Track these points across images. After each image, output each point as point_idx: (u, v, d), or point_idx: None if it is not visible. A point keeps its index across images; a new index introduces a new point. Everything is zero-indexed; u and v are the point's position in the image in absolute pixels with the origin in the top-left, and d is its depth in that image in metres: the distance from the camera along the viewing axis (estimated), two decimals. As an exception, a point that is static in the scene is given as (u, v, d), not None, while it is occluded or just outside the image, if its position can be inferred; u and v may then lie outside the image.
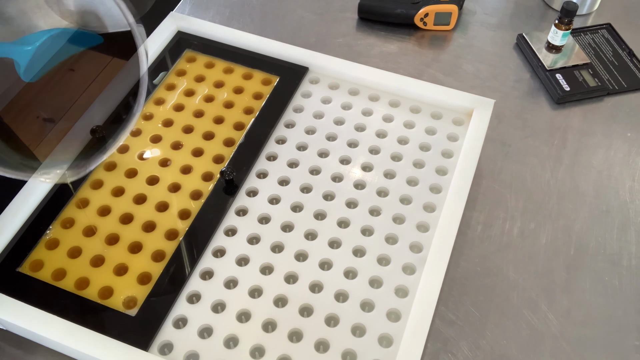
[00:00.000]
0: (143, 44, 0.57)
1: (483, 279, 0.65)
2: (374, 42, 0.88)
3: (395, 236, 0.65)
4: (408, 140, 0.73)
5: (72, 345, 0.56)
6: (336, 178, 0.69)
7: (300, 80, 0.78)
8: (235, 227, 0.65)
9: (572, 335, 0.62)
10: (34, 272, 0.61)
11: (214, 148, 0.71)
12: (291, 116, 0.75)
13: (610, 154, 0.76)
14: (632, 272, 0.66)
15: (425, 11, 0.88)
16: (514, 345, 0.61)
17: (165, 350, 0.57)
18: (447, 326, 0.62)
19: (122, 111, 0.73)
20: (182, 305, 0.60)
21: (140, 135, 0.72)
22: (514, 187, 0.73)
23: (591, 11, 0.93)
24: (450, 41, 0.89)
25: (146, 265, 0.62)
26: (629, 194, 0.73)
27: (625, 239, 0.69)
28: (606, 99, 0.82)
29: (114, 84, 0.75)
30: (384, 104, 0.76)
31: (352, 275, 0.62)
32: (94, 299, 0.59)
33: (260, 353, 0.57)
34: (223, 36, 0.82)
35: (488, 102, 0.74)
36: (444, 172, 0.70)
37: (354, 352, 0.57)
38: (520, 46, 0.88)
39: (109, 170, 0.69)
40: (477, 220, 0.70)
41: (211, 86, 0.77)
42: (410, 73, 0.84)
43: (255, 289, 0.61)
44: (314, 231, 0.65)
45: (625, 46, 0.88)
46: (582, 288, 0.65)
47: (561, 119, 0.80)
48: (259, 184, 0.69)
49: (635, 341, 0.61)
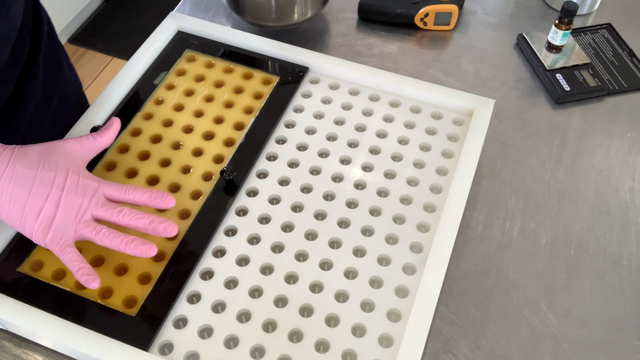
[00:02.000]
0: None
1: (483, 279, 0.65)
2: (374, 42, 0.88)
3: (396, 236, 0.65)
4: (408, 141, 0.73)
5: (72, 345, 0.56)
6: (336, 178, 0.69)
7: (300, 80, 0.78)
8: (235, 227, 0.65)
9: (572, 335, 0.62)
10: (34, 272, 0.61)
11: (214, 148, 0.71)
12: (291, 116, 0.75)
13: (610, 154, 0.76)
14: (632, 272, 0.66)
15: (425, 11, 0.88)
16: (514, 345, 0.61)
17: (165, 350, 0.57)
18: (447, 326, 0.62)
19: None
20: (182, 305, 0.60)
21: (140, 135, 0.72)
22: (514, 187, 0.73)
23: (591, 11, 0.93)
24: (450, 41, 0.89)
25: (146, 265, 0.62)
26: (629, 194, 0.73)
27: (625, 239, 0.69)
28: (606, 99, 0.82)
29: (114, 84, 0.75)
30: (384, 104, 0.76)
31: (352, 276, 0.62)
32: (94, 299, 0.59)
33: (260, 353, 0.57)
34: (223, 36, 0.82)
35: (488, 102, 0.74)
36: (444, 172, 0.70)
37: (354, 353, 0.57)
38: (521, 46, 0.88)
39: (109, 170, 0.69)
40: (477, 220, 0.70)
41: (211, 86, 0.77)
42: (411, 73, 0.84)
43: (256, 289, 0.61)
44: (314, 231, 0.65)
45: (625, 46, 0.88)
46: (582, 288, 0.65)
47: (561, 119, 0.80)
48: (259, 184, 0.69)
49: (635, 341, 0.61)
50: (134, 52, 0.79)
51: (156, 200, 0.59)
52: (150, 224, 0.58)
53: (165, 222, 0.58)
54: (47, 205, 0.56)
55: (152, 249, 0.57)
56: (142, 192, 0.59)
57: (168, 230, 0.58)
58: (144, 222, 0.58)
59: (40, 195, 0.56)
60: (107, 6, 2.33)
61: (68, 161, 0.59)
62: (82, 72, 2.04)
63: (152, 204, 0.59)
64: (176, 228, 0.58)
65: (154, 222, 0.58)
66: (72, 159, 0.60)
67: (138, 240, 0.57)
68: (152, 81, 0.77)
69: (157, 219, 0.58)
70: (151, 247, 0.57)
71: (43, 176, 0.57)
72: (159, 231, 0.58)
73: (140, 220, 0.58)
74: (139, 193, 0.59)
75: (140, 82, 0.77)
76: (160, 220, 0.58)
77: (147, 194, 0.59)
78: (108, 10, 2.32)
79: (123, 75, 0.76)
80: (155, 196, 0.59)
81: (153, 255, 0.57)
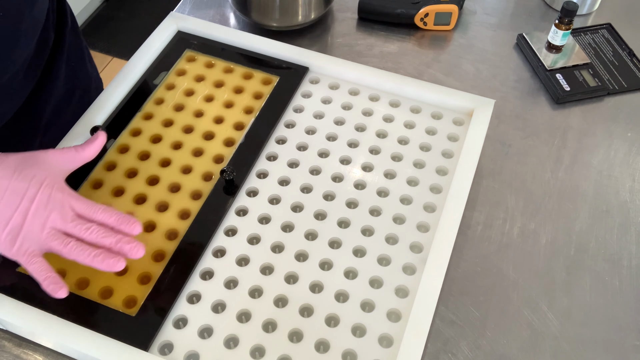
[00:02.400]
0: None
1: (483, 279, 0.65)
2: (374, 42, 0.88)
3: (396, 236, 0.65)
4: (408, 141, 0.73)
5: (72, 345, 0.56)
6: (336, 178, 0.69)
7: (300, 80, 0.78)
8: (235, 227, 0.65)
9: (572, 335, 0.62)
10: (34, 272, 0.61)
11: (214, 148, 0.71)
12: (291, 116, 0.75)
13: (610, 154, 0.76)
14: (632, 272, 0.66)
15: (425, 11, 0.88)
16: (514, 345, 0.61)
17: (165, 350, 0.57)
18: (447, 326, 0.62)
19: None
20: (182, 305, 0.60)
21: (140, 135, 0.72)
22: (514, 187, 0.73)
23: (591, 11, 0.93)
24: (450, 41, 0.89)
25: (146, 265, 0.62)
26: (629, 194, 0.73)
27: (625, 239, 0.69)
28: (606, 99, 0.82)
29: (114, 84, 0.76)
30: (384, 104, 0.76)
31: (352, 276, 0.62)
32: (94, 299, 0.59)
33: (260, 353, 0.57)
34: (223, 36, 0.81)
35: (488, 102, 0.74)
36: (444, 172, 0.70)
37: (354, 353, 0.57)
38: (521, 46, 0.88)
39: (109, 170, 0.69)
40: (477, 220, 0.70)
41: (211, 86, 0.77)
42: (411, 73, 0.84)
43: (256, 289, 0.61)
44: (314, 231, 0.65)
45: (625, 46, 0.88)
46: (582, 288, 0.65)
47: (561, 119, 0.80)
48: (259, 184, 0.69)
49: (635, 341, 0.61)
50: (134, 52, 0.79)
51: (123, 224, 0.58)
52: (116, 243, 0.56)
53: (132, 242, 0.57)
54: (16, 216, 0.56)
55: (119, 262, 0.56)
56: (110, 214, 0.58)
57: (134, 252, 0.56)
58: (110, 241, 0.56)
59: (10, 206, 0.56)
60: (108, 6, 2.33)
61: (45, 173, 0.58)
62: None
63: (119, 228, 0.58)
64: (143, 249, 0.57)
65: (121, 242, 0.56)
66: (51, 171, 0.59)
67: (105, 253, 0.56)
68: (152, 81, 0.77)
69: (125, 239, 0.57)
70: (118, 261, 0.56)
71: (16, 187, 0.56)
72: (125, 251, 0.57)
73: (107, 239, 0.56)
74: (108, 215, 0.58)
75: (140, 82, 0.77)
76: (128, 240, 0.57)
77: (115, 216, 0.58)
78: (108, 10, 2.32)
79: (123, 75, 0.76)
80: (123, 220, 0.58)
81: (120, 269, 0.56)
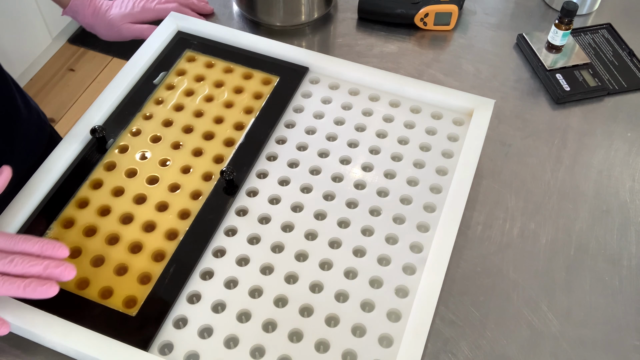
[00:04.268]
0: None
1: (483, 279, 0.65)
2: (374, 42, 0.88)
3: (396, 236, 0.65)
4: (408, 141, 0.73)
5: (72, 345, 0.56)
6: (336, 178, 0.69)
7: (300, 80, 0.78)
8: (235, 227, 0.65)
9: (572, 335, 0.62)
10: (34, 272, 0.61)
11: (214, 148, 0.71)
12: (291, 116, 0.75)
13: (610, 154, 0.76)
14: (632, 272, 0.66)
15: (425, 11, 0.88)
16: (514, 345, 0.61)
17: (165, 350, 0.57)
18: (447, 326, 0.62)
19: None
20: (182, 305, 0.60)
21: (140, 135, 0.72)
22: (514, 187, 0.73)
23: (591, 11, 0.93)
24: (450, 41, 0.89)
25: (146, 265, 0.62)
26: (629, 194, 0.73)
27: (625, 239, 0.69)
28: (606, 99, 0.82)
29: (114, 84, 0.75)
30: (384, 104, 0.76)
31: (352, 276, 0.62)
32: (94, 299, 0.59)
33: (260, 353, 0.57)
34: (223, 36, 0.82)
35: (488, 102, 0.74)
36: (444, 172, 0.70)
37: (354, 352, 0.57)
38: (520, 46, 0.88)
39: (109, 170, 0.69)
40: (477, 220, 0.70)
41: (211, 86, 0.77)
42: (410, 73, 0.84)
43: (256, 289, 0.61)
44: (314, 231, 0.65)
45: (625, 46, 0.88)
46: (582, 288, 0.65)
47: (561, 119, 0.80)
48: (259, 184, 0.69)
49: (635, 341, 0.61)
50: (134, 52, 0.79)
51: (48, 250, 0.56)
52: (45, 269, 0.54)
53: (60, 265, 0.55)
54: None
55: (52, 288, 0.54)
56: (32, 242, 0.56)
57: (65, 274, 0.54)
58: (38, 269, 0.54)
59: None
60: (107, 6, 2.32)
61: None
62: (82, 72, 2.04)
63: (45, 254, 0.56)
64: (74, 270, 0.55)
65: (49, 268, 0.54)
66: None
67: (36, 281, 0.54)
68: (152, 81, 0.77)
69: (52, 264, 0.55)
70: (50, 287, 0.54)
71: None
72: (55, 275, 0.54)
73: (35, 267, 0.54)
74: (30, 244, 0.56)
75: (140, 82, 0.77)
76: (56, 264, 0.55)
77: (38, 244, 0.56)
78: (108, 10, 2.31)
79: (123, 75, 0.76)
80: (46, 246, 0.56)
81: (54, 294, 0.54)
